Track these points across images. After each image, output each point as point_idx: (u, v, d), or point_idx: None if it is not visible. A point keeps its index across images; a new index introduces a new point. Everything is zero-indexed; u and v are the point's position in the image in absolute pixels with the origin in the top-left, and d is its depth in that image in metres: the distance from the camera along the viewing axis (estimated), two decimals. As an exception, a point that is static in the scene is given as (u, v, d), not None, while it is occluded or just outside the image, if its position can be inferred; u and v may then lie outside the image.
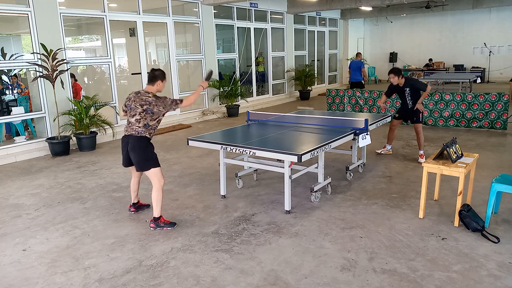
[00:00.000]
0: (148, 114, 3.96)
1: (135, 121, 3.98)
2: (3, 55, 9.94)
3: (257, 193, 5.04)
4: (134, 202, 4.56)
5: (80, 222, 4.33)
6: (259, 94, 13.65)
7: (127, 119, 4.10)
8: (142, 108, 3.95)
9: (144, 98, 3.97)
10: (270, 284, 3.07)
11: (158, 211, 4.06)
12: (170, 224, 4.10)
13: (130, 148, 4.01)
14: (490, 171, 5.47)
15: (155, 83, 4.07)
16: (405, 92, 6.16)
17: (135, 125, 3.98)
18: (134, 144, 3.98)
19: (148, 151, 4.04)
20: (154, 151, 4.13)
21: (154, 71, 4.10)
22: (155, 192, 4.05)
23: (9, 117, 7.59)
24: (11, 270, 3.40)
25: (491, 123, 8.13)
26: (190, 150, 7.27)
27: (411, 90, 6.11)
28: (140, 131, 3.98)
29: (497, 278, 3.06)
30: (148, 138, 4.05)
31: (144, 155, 4.02)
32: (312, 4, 13.55)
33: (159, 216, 4.08)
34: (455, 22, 18.34)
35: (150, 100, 3.96)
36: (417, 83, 6.22)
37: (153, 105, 3.94)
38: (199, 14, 10.76)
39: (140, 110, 3.95)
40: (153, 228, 4.06)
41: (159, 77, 4.07)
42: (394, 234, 3.81)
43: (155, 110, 3.97)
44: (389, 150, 6.69)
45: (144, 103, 3.95)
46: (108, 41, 8.68)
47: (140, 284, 3.13)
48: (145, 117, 3.96)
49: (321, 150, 4.27)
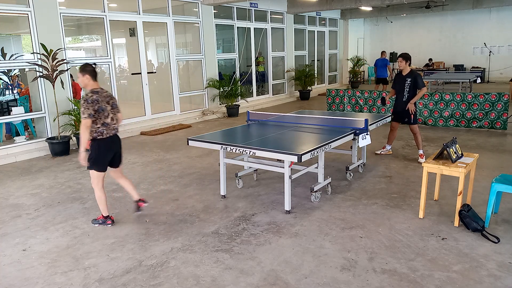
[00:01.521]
0: (114, 109, 4.04)
1: (110, 120, 3.99)
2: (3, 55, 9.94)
3: (257, 193, 5.04)
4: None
5: (80, 222, 4.33)
6: (259, 94, 13.65)
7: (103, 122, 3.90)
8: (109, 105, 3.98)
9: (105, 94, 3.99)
10: (270, 284, 3.07)
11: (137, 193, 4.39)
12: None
13: (117, 146, 4.13)
14: (490, 171, 5.47)
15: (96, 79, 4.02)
16: (406, 82, 6.14)
17: (112, 124, 4.01)
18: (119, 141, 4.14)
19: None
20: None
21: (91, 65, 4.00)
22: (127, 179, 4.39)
23: (9, 117, 7.59)
24: (11, 270, 3.40)
25: (491, 123, 8.13)
26: (190, 150, 7.27)
27: (412, 82, 6.10)
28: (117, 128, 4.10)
29: (497, 278, 3.06)
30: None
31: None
32: (312, 4, 13.55)
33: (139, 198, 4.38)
34: (455, 22, 18.34)
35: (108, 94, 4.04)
36: (419, 78, 6.23)
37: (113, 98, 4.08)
38: (199, 14, 10.77)
39: (110, 107, 3.98)
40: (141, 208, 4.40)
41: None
42: (394, 234, 3.81)
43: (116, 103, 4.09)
44: (389, 151, 6.69)
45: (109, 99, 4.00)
46: (108, 41, 8.68)
47: (140, 284, 3.13)
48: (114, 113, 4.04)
49: (321, 150, 4.27)
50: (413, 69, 6.30)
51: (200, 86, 11.15)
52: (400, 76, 6.24)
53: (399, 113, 6.27)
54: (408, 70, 6.15)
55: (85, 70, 3.90)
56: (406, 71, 6.15)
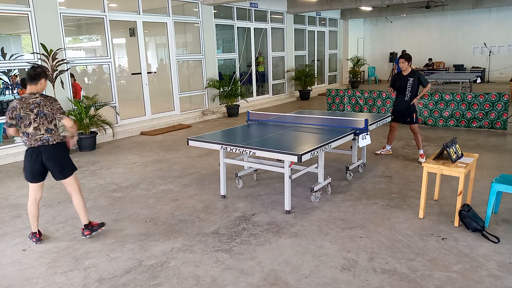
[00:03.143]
0: (42, 118, 3.58)
1: (34, 130, 3.58)
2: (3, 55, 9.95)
3: (257, 193, 5.04)
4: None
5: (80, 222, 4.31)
6: (259, 94, 13.64)
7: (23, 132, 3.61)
8: (33, 113, 3.57)
9: (32, 100, 3.57)
10: (270, 284, 3.07)
11: (86, 217, 3.91)
12: (100, 224, 4.01)
13: (46, 159, 3.64)
14: (490, 171, 5.47)
15: (38, 82, 3.64)
16: (408, 82, 6.13)
17: (37, 134, 3.59)
18: (51, 153, 3.65)
19: (67, 156, 3.78)
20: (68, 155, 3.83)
21: (35, 68, 3.67)
22: (78, 198, 3.85)
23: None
24: (11, 270, 3.40)
25: (491, 123, 8.13)
26: (190, 150, 7.27)
27: (414, 82, 6.09)
28: (48, 137, 3.63)
29: (497, 278, 3.06)
30: (61, 142, 3.74)
31: (65, 160, 3.75)
32: (312, 4, 13.55)
33: (89, 222, 3.94)
34: (455, 22, 18.33)
35: (38, 100, 3.59)
36: (421, 76, 6.24)
37: (42, 105, 3.58)
38: (199, 14, 10.76)
39: (33, 116, 3.56)
40: (89, 235, 3.90)
41: (42, 75, 3.65)
42: (394, 234, 3.81)
43: (46, 111, 3.60)
44: (389, 151, 6.69)
45: (34, 106, 3.57)
46: (108, 41, 8.67)
47: (140, 284, 3.13)
48: (42, 122, 3.59)
49: (321, 150, 4.27)
50: (413, 69, 6.31)
51: (200, 86, 11.15)
52: (401, 76, 6.24)
53: (400, 113, 6.27)
54: (410, 70, 6.15)
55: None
56: (408, 71, 6.15)
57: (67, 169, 3.79)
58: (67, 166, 3.78)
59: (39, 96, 3.63)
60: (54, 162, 3.69)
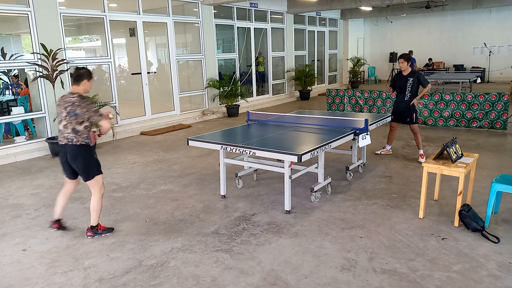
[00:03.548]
0: (72, 117, 3.67)
1: (63, 127, 3.72)
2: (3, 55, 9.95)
3: (257, 193, 5.04)
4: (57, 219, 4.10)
5: (80, 222, 4.32)
6: (259, 94, 13.64)
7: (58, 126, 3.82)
8: (66, 111, 3.68)
9: (68, 99, 3.70)
10: (270, 284, 3.07)
11: (97, 220, 3.92)
12: (108, 230, 3.99)
13: (70, 158, 3.76)
14: (490, 171, 5.47)
15: (80, 83, 3.78)
16: (408, 82, 6.14)
17: (65, 132, 3.71)
18: (73, 153, 3.73)
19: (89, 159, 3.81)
20: (96, 157, 3.89)
21: (79, 69, 3.83)
22: (96, 200, 3.87)
23: (9, 117, 7.58)
24: (11, 270, 3.40)
25: (491, 123, 8.13)
26: (190, 150, 7.27)
27: (414, 82, 6.10)
28: (72, 137, 3.70)
29: (497, 278, 3.06)
30: (85, 145, 3.76)
31: (86, 163, 3.79)
32: (312, 4, 13.55)
33: (96, 225, 3.94)
34: (455, 22, 18.33)
35: (73, 100, 3.68)
36: (421, 76, 6.25)
37: (76, 105, 3.66)
38: (199, 14, 10.76)
39: (65, 114, 3.69)
40: (91, 237, 3.91)
41: (84, 76, 3.79)
42: (394, 234, 3.81)
43: (78, 111, 3.66)
44: (389, 151, 6.69)
45: (68, 105, 3.68)
46: (108, 41, 8.67)
47: (140, 284, 3.13)
48: (70, 121, 3.68)
49: (321, 150, 4.27)
50: (413, 69, 6.31)
51: (200, 86, 11.15)
52: (401, 76, 6.24)
53: (400, 113, 6.27)
54: (409, 70, 6.15)
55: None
56: (407, 71, 6.15)
57: (88, 172, 3.82)
58: (87, 170, 3.82)
59: (77, 96, 3.72)
60: (76, 164, 3.78)
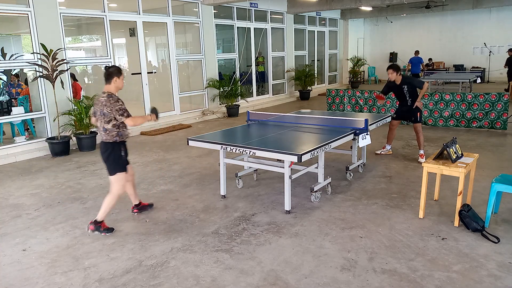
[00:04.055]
0: (101, 116, 3.87)
1: (99, 125, 3.94)
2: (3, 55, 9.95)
3: (257, 193, 5.04)
4: (135, 204, 4.54)
5: (80, 222, 4.32)
6: (259, 94, 13.64)
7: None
8: (98, 110, 3.89)
9: (100, 99, 3.90)
10: (270, 284, 3.07)
11: (103, 216, 3.98)
12: (109, 229, 4.02)
13: (101, 154, 4.02)
14: (490, 171, 5.47)
15: (111, 81, 3.93)
16: (403, 90, 6.16)
17: (99, 130, 3.95)
18: (101, 149, 3.99)
19: (110, 157, 3.94)
20: (121, 156, 4.01)
21: (108, 68, 3.98)
22: (111, 197, 3.98)
23: (9, 117, 7.59)
24: (11, 270, 3.40)
25: (491, 123, 8.13)
26: (190, 150, 7.27)
27: (409, 88, 6.12)
28: (103, 135, 3.92)
29: (497, 278, 3.06)
30: (111, 142, 3.92)
31: (108, 159, 3.96)
32: (312, 4, 13.55)
33: (101, 221, 3.99)
34: (455, 22, 18.32)
35: (102, 100, 3.87)
36: (414, 80, 6.30)
37: (103, 105, 3.84)
38: (199, 14, 10.76)
39: (99, 113, 3.89)
40: (91, 231, 3.96)
41: (114, 74, 3.94)
42: (394, 234, 3.81)
43: (105, 111, 3.84)
44: (389, 150, 6.69)
45: (99, 105, 3.89)
46: (108, 41, 8.67)
47: (140, 284, 3.13)
48: (101, 120, 3.88)
49: (321, 150, 4.27)
50: (404, 75, 6.29)
51: (200, 86, 11.15)
52: (395, 85, 6.23)
53: (404, 112, 6.29)
54: (400, 79, 6.14)
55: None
56: (399, 80, 6.14)
57: (110, 168, 4.00)
58: (110, 166, 3.99)
59: (106, 96, 3.87)
60: (103, 159, 4.01)
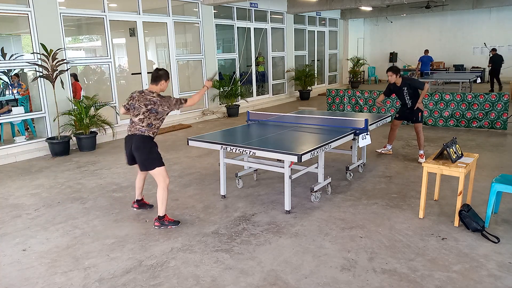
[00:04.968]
0: (152, 114, 4.00)
1: (138, 120, 4.01)
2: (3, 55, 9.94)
3: (257, 193, 5.04)
4: (138, 199, 4.58)
5: (80, 222, 4.33)
6: (259, 94, 13.63)
7: (130, 118, 4.11)
8: (146, 108, 3.98)
9: (149, 97, 4.01)
10: (270, 284, 3.07)
11: (163, 210, 4.09)
12: (174, 222, 4.13)
13: (134, 148, 4.02)
14: (490, 171, 5.47)
15: (158, 83, 4.08)
16: (403, 92, 6.17)
17: (138, 124, 4.00)
18: (138, 143, 4.00)
19: (152, 151, 4.05)
20: (158, 150, 4.12)
21: (158, 70, 4.12)
22: (160, 191, 4.06)
23: (9, 117, 7.59)
24: (11, 270, 3.40)
25: (491, 123, 8.13)
26: (190, 150, 7.27)
27: (409, 89, 6.12)
28: (144, 130, 4.00)
29: (497, 278, 3.06)
30: (152, 137, 4.07)
31: (148, 154, 4.03)
32: (312, 4, 13.54)
33: (163, 215, 4.10)
34: (455, 22, 18.32)
35: (154, 99, 4.00)
36: (414, 82, 6.28)
37: (157, 104, 3.99)
38: (199, 14, 10.76)
39: (144, 110, 3.99)
40: (158, 227, 4.08)
41: (163, 77, 4.09)
42: (394, 234, 3.81)
43: (159, 110, 4.01)
44: (389, 150, 6.69)
45: (149, 103, 3.98)
46: (108, 41, 8.67)
47: (140, 284, 3.13)
48: (149, 117, 3.99)
49: (321, 150, 4.27)
50: (404, 76, 6.29)
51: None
52: (396, 87, 6.23)
53: (406, 113, 6.29)
54: (400, 81, 6.15)
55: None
56: (399, 82, 6.15)
57: (149, 163, 4.04)
58: (149, 161, 4.04)
59: (157, 96, 4.03)
60: (138, 154, 4.02)
